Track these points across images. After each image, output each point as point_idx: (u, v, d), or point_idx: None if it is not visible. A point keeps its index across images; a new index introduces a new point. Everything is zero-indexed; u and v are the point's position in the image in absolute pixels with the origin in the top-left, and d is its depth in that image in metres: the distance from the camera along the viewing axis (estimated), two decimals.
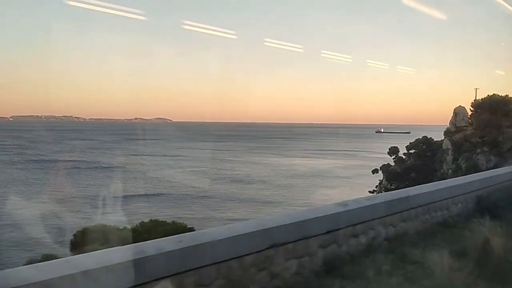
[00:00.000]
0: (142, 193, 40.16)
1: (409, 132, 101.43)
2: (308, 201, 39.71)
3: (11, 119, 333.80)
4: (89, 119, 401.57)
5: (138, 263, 3.39)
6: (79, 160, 70.35)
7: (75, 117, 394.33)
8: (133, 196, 38.12)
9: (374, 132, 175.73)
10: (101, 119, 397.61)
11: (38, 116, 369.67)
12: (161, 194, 42.28)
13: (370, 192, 34.52)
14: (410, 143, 38.07)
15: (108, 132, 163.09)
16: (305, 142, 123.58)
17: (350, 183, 50.55)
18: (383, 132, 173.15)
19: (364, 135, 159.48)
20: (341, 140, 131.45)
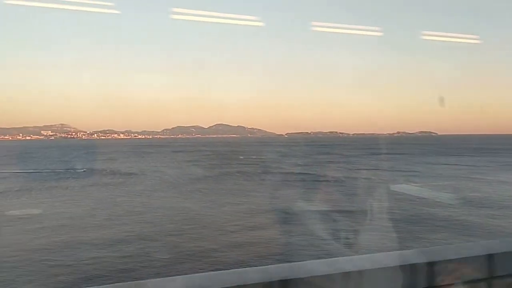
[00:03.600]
0: (326, 208, 35.97)
1: None
2: None
3: (285, 135, 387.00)
4: (352, 134, 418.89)
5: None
6: (305, 173, 71.23)
7: (340, 133, 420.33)
8: (306, 211, 34.39)
9: None
10: (364, 134, 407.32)
11: (307, 132, 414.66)
12: (350, 211, 36.99)
13: None
14: None
15: (359, 146, 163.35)
16: None
17: None
18: None
19: None
20: None
